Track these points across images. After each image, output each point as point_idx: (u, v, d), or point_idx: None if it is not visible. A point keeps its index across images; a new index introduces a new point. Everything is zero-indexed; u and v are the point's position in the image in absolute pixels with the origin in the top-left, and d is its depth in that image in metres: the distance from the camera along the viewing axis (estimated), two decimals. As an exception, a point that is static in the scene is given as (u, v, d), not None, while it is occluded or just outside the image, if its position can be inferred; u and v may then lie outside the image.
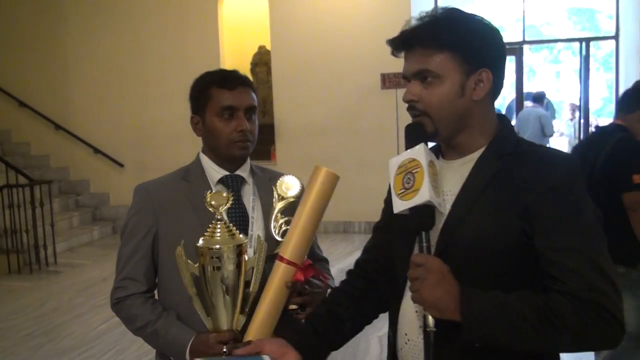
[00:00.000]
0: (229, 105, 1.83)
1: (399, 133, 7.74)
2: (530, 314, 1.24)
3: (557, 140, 10.63)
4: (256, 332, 1.62)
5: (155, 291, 1.93)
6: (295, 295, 1.68)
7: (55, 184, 8.88)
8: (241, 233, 1.68)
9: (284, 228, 1.76)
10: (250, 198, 1.90)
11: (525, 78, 10.35)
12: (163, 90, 8.85)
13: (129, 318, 1.84)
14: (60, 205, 8.72)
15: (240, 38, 9.68)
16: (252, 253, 1.72)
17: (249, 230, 1.84)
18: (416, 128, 1.42)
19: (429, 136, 1.42)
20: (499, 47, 1.43)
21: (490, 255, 1.33)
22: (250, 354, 1.49)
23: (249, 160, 1.96)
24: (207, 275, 1.61)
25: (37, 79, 9.43)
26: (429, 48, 1.37)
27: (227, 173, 1.91)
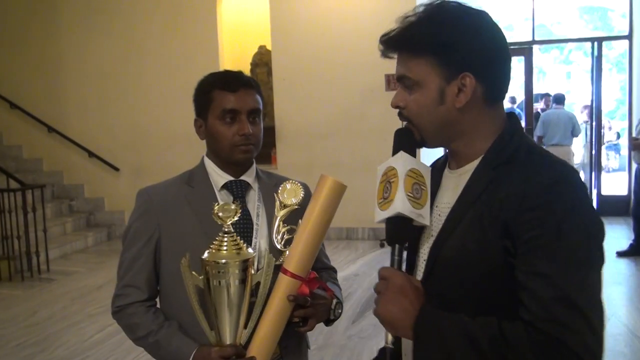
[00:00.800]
0: (230, 108, 1.80)
1: (404, 136, 7.60)
2: (482, 340, 1.16)
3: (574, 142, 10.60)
4: (259, 346, 1.61)
5: (157, 299, 1.91)
6: (297, 308, 1.66)
7: (48, 189, 8.81)
8: (245, 241, 1.67)
9: (286, 237, 1.73)
10: (255, 204, 1.88)
11: (535, 79, 10.22)
12: (160, 92, 8.80)
13: (129, 327, 1.82)
14: (54, 211, 8.67)
15: (240, 38, 9.59)
16: (257, 261, 1.69)
17: (253, 238, 1.82)
18: (406, 134, 1.37)
19: (418, 144, 1.37)
20: (487, 49, 1.30)
21: (474, 274, 1.26)
22: None
23: (254, 164, 1.94)
24: (212, 289, 1.58)
25: (30, 80, 9.35)
26: (407, 53, 1.32)
27: (232, 178, 1.88)
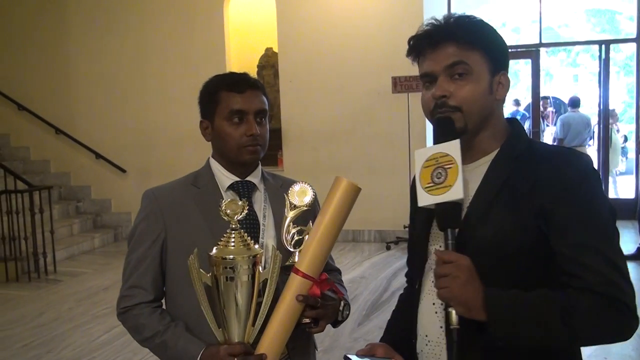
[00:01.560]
0: (238, 109, 1.80)
1: (411, 138, 7.60)
2: (551, 311, 1.30)
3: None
4: (268, 345, 1.60)
5: (163, 300, 1.90)
6: (308, 309, 1.65)
7: (56, 190, 8.83)
8: (253, 241, 1.66)
9: (296, 238, 1.70)
10: (261, 205, 1.88)
11: (541, 82, 10.19)
12: (167, 94, 8.80)
13: (136, 328, 1.81)
14: (61, 212, 8.68)
15: (247, 40, 9.59)
16: (264, 261, 1.70)
17: (260, 238, 1.83)
18: (447, 122, 1.43)
19: (457, 132, 1.42)
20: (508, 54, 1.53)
21: (507, 253, 1.38)
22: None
23: (260, 166, 1.94)
24: (220, 286, 1.58)
25: (37, 82, 9.36)
26: (464, 44, 1.42)
27: (238, 179, 1.88)
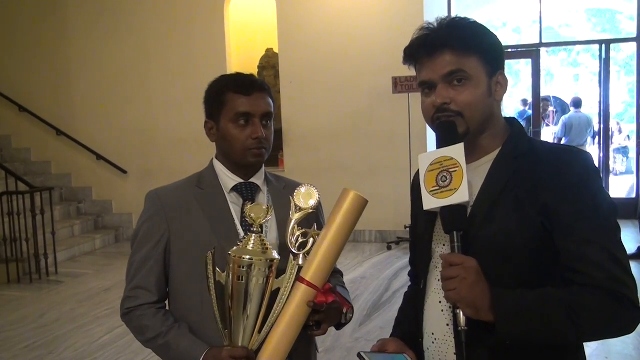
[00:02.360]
0: (244, 111, 1.79)
1: (411, 138, 7.61)
2: (557, 308, 1.32)
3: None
4: (272, 352, 1.60)
5: (166, 301, 1.90)
6: (313, 313, 1.65)
7: (57, 191, 8.84)
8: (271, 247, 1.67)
9: (300, 240, 1.70)
10: (262, 203, 1.85)
11: (542, 82, 10.19)
12: (168, 95, 8.80)
13: (139, 329, 1.80)
14: (62, 213, 8.67)
15: (247, 41, 9.60)
16: (276, 254, 1.67)
17: (264, 236, 1.78)
18: (450, 127, 1.45)
19: (460, 136, 1.45)
20: (503, 53, 1.54)
21: (512, 252, 1.40)
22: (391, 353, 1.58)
23: (263, 167, 1.94)
24: (232, 285, 1.58)
25: (38, 83, 9.36)
26: (460, 51, 1.44)
27: (242, 180, 1.88)
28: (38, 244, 6.95)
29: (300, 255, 1.68)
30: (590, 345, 4.10)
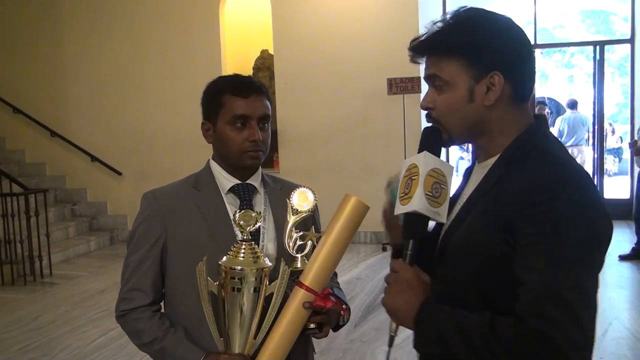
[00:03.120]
0: (242, 113, 1.78)
1: (407, 139, 7.62)
2: (474, 335, 1.23)
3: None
4: (270, 355, 1.59)
5: (162, 303, 1.88)
6: (314, 315, 1.65)
7: (51, 193, 8.80)
8: (262, 253, 1.66)
9: (298, 243, 1.70)
10: (261, 208, 1.87)
11: (537, 83, 10.24)
12: (163, 96, 8.80)
13: (135, 332, 1.79)
14: (56, 215, 8.66)
15: (243, 42, 9.59)
16: (267, 262, 1.66)
17: (260, 241, 1.82)
18: (433, 132, 1.42)
19: (445, 143, 1.42)
20: (513, 48, 1.36)
21: (477, 262, 1.31)
22: None
23: (260, 169, 1.93)
24: (226, 296, 1.57)
25: (33, 84, 9.34)
26: (437, 55, 1.37)
27: (238, 182, 1.87)
28: (32, 246, 6.93)
29: (299, 258, 1.67)
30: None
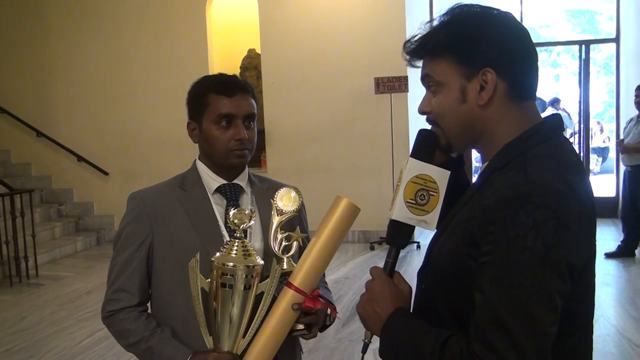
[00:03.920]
0: (227, 112, 1.78)
1: (394, 138, 7.62)
2: (425, 353, 1.20)
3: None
4: (257, 355, 1.59)
5: (148, 304, 1.88)
6: (302, 316, 1.64)
7: (37, 193, 8.73)
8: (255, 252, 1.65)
9: (284, 243, 1.69)
10: (248, 208, 1.85)
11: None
12: (150, 96, 8.76)
13: (121, 333, 1.78)
14: (42, 215, 8.60)
15: (230, 41, 9.58)
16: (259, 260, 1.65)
17: (247, 241, 1.76)
18: (427, 136, 1.35)
19: (441, 149, 1.35)
20: (507, 44, 1.25)
21: (447, 275, 1.25)
22: None
23: (247, 168, 1.93)
24: (217, 293, 1.56)
25: (18, 84, 9.27)
26: (428, 55, 1.31)
27: (225, 181, 1.86)
28: (18, 247, 6.88)
29: (285, 259, 1.67)
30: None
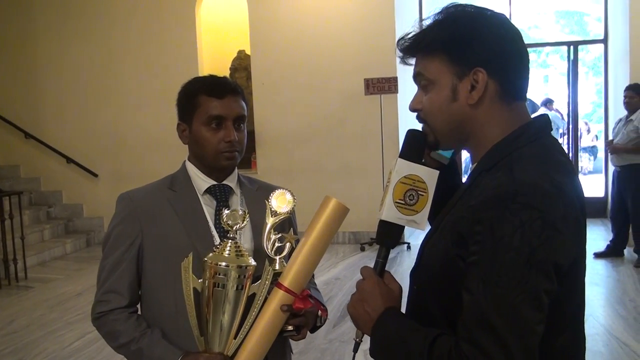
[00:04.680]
0: (217, 114, 1.78)
1: (384, 139, 7.63)
2: (414, 352, 1.20)
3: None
4: (247, 356, 1.59)
5: (138, 305, 1.88)
6: (291, 317, 1.64)
7: (26, 195, 8.69)
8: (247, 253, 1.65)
9: (277, 245, 1.68)
10: (238, 209, 1.82)
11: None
12: (139, 97, 8.74)
13: (111, 334, 1.77)
14: (31, 218, 8.56)
15: (219, 42, 9.58)
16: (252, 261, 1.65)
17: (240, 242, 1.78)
18: (416, 135, 1.36)
19: (429, 146, 1.36)
20: (499, 44, 1.25)
21: (437, 274, 1.26)
22: None
23: (236, 169, 1.93)
24: (209, 292, 1.56)
25: (6, 85, 9.22)
26: (421, 53, 1.31)
27: (215, 182, 1.86)
28: (7, 249, 6.85)
29: (277, 260, 1.66)
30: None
